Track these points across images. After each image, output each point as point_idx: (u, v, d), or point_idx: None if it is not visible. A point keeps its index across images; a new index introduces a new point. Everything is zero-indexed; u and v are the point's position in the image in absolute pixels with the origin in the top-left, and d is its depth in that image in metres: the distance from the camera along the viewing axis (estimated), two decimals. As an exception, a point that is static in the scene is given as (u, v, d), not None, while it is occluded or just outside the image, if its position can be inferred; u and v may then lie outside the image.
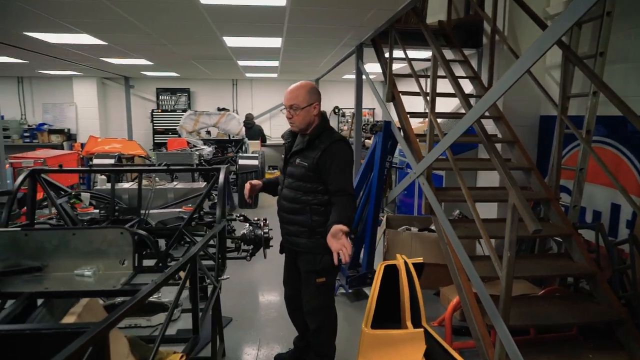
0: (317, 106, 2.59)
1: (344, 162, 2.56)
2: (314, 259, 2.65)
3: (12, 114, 10.77)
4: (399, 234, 4.68)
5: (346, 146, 2.61)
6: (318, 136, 2.59)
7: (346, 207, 2.51)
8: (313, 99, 2.57)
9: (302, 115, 2.57)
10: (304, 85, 2.59)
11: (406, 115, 4.44)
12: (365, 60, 7.12)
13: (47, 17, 4.33)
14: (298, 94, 2.55)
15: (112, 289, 1.58)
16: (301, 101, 2.54)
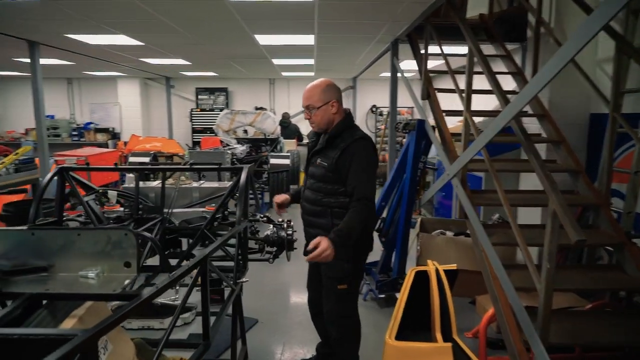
0: (334, 104, 2.46)
1: (365, 162, 2.38)
2: (335, 264, 2.47)
3: (62, 113, 11.30)
4: (433, 238, 4.46)
5: (368, 145, 2.44)
6: (339, 134, 2.46)
7: (359, 213, 2.32)
8: (329, 96, 2.44)
9: (320, 115, 2.45)
10: (318, 84, 2.47)
11: (441, 113, 4.22)
12: (402, 57, 6.91)
13: (83, 19, 4.44)
14: (313, 94, 2.44)
15: (112, 293, 1.51)
16: (316, 100, 2.43)
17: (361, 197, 2.33)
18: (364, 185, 2.35)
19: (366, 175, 2.36)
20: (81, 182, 3.18)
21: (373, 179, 2.42)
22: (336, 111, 2.47)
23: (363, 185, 2.34)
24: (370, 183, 2.39)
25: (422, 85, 4.57)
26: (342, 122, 2.49)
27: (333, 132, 2.46)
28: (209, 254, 1.93)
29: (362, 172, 2.35)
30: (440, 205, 7.46)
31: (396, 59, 5.53)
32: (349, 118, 2.54)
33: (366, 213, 2.34)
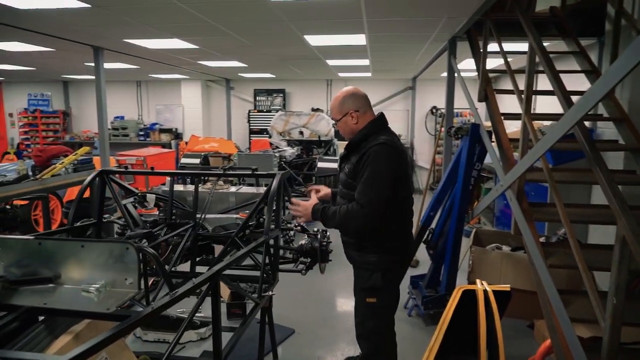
0: (353, 115, 2.40)
1: (375, 168, 2.21)
2: (362, 275, 2.42)
3: (131, 114, 11.96)
4: (487, 252, 4.09)
5: (384, 150, 2.23)
6: (364, 139, 2.35)
7: (348, 212, 2.25)
8: (346, 108, 2.41)
9: (342, 126, 2.47)
10: (337, 96, 2.47)
11: (500, 117, 3.86)
12: (462, 56, 6.49)
13: (139, 25, 4.57)
14: (333, 106, 2.48)
15: (105, 312, 1.43)
16: (336, 113, 2.46)
17: (359, 202, 2.23)
18: (367, 191, 2.22)
19: (372, 181, 2.22)
20: (121, 184, 3.23)
21: (381, 186, 2.22)
22: (356, 121, 2.41)
23: (366, 191, 2.22)
24: (376, 190, 2.22)
25: (479, 86, 4.21)
26: (366, 128, 2.39)
27: (355, 138, 2.41)
28: (220, 271, 1.82)
29: (368, 178, 2.22)
30: (502, 214, 6.93)
31: (453, 58, 5.17)
32: (375, 123, 2.42)
33: (355, 216, 2.23)
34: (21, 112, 12.11)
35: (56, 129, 12.05)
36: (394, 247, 2.38)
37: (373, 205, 2.20)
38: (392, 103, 11.08)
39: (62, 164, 4.79)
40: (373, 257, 2.35)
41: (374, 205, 2.20)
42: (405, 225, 2.47)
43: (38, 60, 7.41)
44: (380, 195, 2.21)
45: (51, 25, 4.67)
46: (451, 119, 5.33)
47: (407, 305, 4.30)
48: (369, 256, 2.36)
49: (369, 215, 2.21)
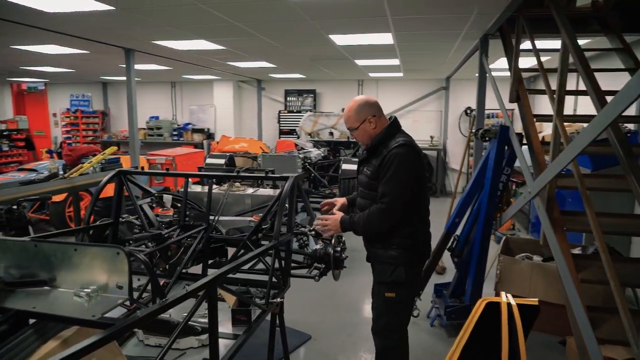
0: (372, 120, 2.49)
1: (396, 169, 2.33)
2: (385, 269, 2.48)
3: (165, 114, 12.24)
4: (516, 262, 3.86)
5: (408, 151, 2.36)
6: (382, 143, 2.45)
7: (372, 215, 2.39)
8: (363, 115, 2.49)
9: (361, 134, 2.53)
10: (351, 105, 2.52)
11: (532, 118, 3.63)
12: (496, 54, 6.23)
13: (163, 26, 4.62)
14: (348, 117, 2.53)
15: (90, 319, 1.39)
16: (353, 121, 2.51)
17: (382, 201, 2.35)
18: (388, 191, 2.34)
19: (394, 182, 2.33)
20: (139, 185, 3.24)
21: (402, 187, 2.35)
22: (375, 126, 2.50)
23: (387, 191, 2.34)
24: (398, 190, 2.34)
25: (511, 86, 3.98)
26: (383, 132, 2.48)
27: (374, 142, 2.49)
28: (217, 278, 1.76)
29: (390, 179, 2.34)
30: (538, 220, 6.57)
31: (485, 57, 4.94)
32: (391, 127, 2.52)
33: (380, 216, 2.37)
34: (64, 112, 12.64)
35: (95, 129, 12.50)
36: (416, 244, 2.47)
37: (394, 205, 2.33)
38: (425, 104, 10.81)
39: (90, 163, 4.91)
40: (397, 251, 2.43)
41: (395, 205, 2.33)
42: (424, 223, 2.55)
43: (76, 62, 7.68)
44: (401, 195, 2.33)
45: (83, 28, 4.81)
46: (482, 120, 5.10)
47: (429, 315, 4.13)
48: (393, 251, 2.43)
49: (390, 214, 2.35)
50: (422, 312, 4.09)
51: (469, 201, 3.90)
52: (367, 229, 2.45)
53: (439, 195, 10.24)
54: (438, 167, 10.48)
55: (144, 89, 12.29)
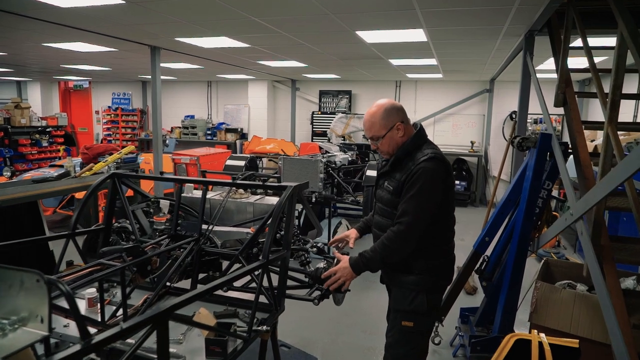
0: (400, 126, 2.19)
1: (421, 186, 2.06)
2: (405, 295, 2.21)
3: (201, 113, 12.28)
4: (556, 290, 3.34)
5: (438, 167, 2.10)
6: (408, 154, 2.19)
7: (389, 240, 2.09)
8: (391, 121, 2.19)
9: (387, 142, 2.22)
10: (376, 110, 2.20)
11: (580, 125, 3.14)
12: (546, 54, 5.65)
13: (184, 22, 4.45)
14: (373, 123, 2.21)
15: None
16: (378, 129, 2.20)
17: (398, 221, 2.09)
18: (411, 211, 2.07)
19: (417, 200, 2.07)
20: (135, 189, 3.04)
21: (426, 207, 2.08)
22: (403, 134, 2.22)
23: (408, 210, 2.07)
24: (421, 210, 2.07)
25: (557, 88, 3.49)
26: (410, 142, 2.20)
27: (400, 153, 2.20)
28: (166, 312, 1.47)
29: (413, 197, 2.07)
30: (587, 238, 5.94)
31: (530, 56, 4.42)
32: (418, 135, 2.23)
33: (398, 241, 2.09)
34: (105, 109, 12.97)
35: (134, 126, 12.73)
36: (441, 266, 2.23)
37: (415, 226, 2.07)
38: (466, 107, 10.19)
39: (105, 162, 4.82)
40: (419, 276, 2.18)
41: (415, 226, 2.07)
42: (450, 243, 2.30)
43: (109, 60, 7.74)
44: (424, 216, 2.08)
45: (103, 25, 4.72)
46: (524, 126, 4.58)
47: (452, 343, 3.70)
48: (414, 276, 2.18)
49: (410, 236, 2.09)
50: (444, 339, 3.66)
51: (502, 218, 3.44)
52: (386, 260, 2.14)
53: (478, 205, 9.61)
54: (478, 175, 9.85)
55: (180, 88, 12.40)
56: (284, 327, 3.92)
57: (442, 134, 10.40)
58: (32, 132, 9.33)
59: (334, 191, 5.59)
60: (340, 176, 5.59)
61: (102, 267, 2.16)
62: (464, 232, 7.38)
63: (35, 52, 6.90)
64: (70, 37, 5.45)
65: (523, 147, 3.21)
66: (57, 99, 13.73)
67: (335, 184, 5.53)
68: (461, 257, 5.73)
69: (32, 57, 7.61)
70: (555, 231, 2.88)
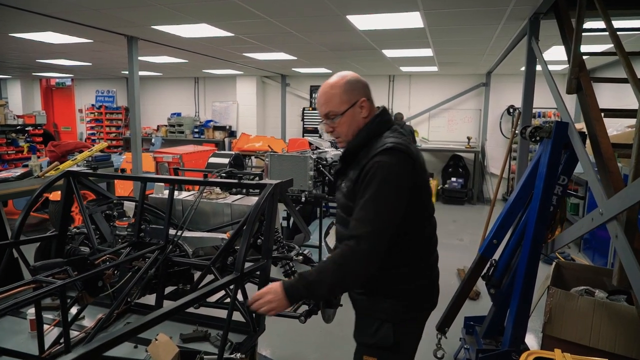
0: (365, 104, 1.71)
1: (385, 185, 1.55)
2: (368, 325, 1.75)
3: (188, 111, 11.86)
4: (572, 298, 3.00)
5: (395, 159, 1.57)
6: (364, 144, 1.68)
7: (340, 259, 1.56)
8: (355, 95, 1.71)
9: (346, 123, 1.71)
10: (337, 81, 1.72)
11: (598, 113, 2.80)
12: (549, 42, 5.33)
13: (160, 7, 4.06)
14: (332, 95, 1.71)
15: None
16: (337, 104, 1.70)
17: (353, 235, 1.55)
18: (365, 220, 1.54)
19: (375, 206, 1.54)
20: (94, 189, 2.65)
21: (386, 211, 1.55)
22: (367, 114, 1.72)
23: (364, 221, 1.54)
24: (379, 219, 1.54)
25: (570, 74, 3.14)
26: (366, 128, 1.71)
27: (353, 143, 1.72)
28: (91, 354, 1.09)
29: (370, 202, 1.55)
30: (593, 237, 5.61)
31: (535, 40, 4.08)
32: (378, 120, 1.73)
33: (354, 261, 1.55)
34: (89, 107, 12.50)
35: (119, 125, 12.28)
36: (416, 291, 1.73)
37: (375, 239, 1.54)
38: (462, 101, 9.87)
39: (74, 160, 4.41)
40: (385, 302, 1.70)
41: (376, 239, 1.54)
42: (428, 260, 1.78)
43: (87, 54, 7.32)
44: (383, 224, 1.55)
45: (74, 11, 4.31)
46: (529, 117, 4.24)
47: (457, 356, 3.35)
48: (378, 301, 1.71)
49: (371, 254, 1.54)
50: (448, 352, 3.32)
51: (512, 218, 3.08)
52: (338, 286, 1.62)
53: (475, 203, 9.29)
54: (475, 172, 9.52)
55: (166, 85, 11.97)
56: (269, 340, 3.55)
57: (438, 129, 10.08)
58: (8, 131, 8.86)
59: (325, 190, 5.22)
60: (331, 173, 5.23)
61: (38, 285, 1.78)
62: (462, 231, 7.05)
63: (7, 45, 6.46)
64: (38, 25, 5.03)
65: (536, 138, 2.85)
66: (39, 97, 13.23)
67: (326, 182, 5.16)
68: (460, 258, 5.44)
69: (5, 51, 7.17)
70: (578, 233, 2.53)
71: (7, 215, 4.55)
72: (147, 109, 12.19)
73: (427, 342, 3.37)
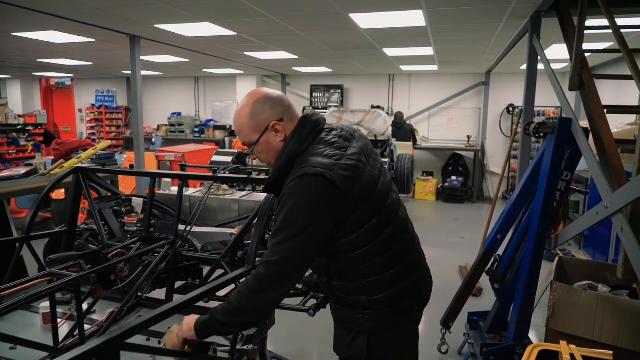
0: (278, 127, 1.50)
1: (290, 214, 1.39)
2: (343, 337, 1.66)
3: (188, 111, 11.86)
4: (575, 292, 3.03)
5: (306, 187, 1.38)
6: (288, 169, 1.47)
7: (247, 289, 1.42)
8: (264, 120, 1.50)
9: (264, 150, 1.54)
10: (242, 108, 1.52)
11: (601, 109, 2.83)
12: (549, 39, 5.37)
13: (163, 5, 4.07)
14: (240, 125, 1.53)
15: None
16: (248, 134, 1.52)
17: (268, 261, 1.41)
18: (279, 245, 1.39)
19: (284, 234, 1.38)
20: (104, 186, 2.67)
21: (298, 242, 1.38)
22: (283, 136, 1.52)
23: (277, 245, 1.39)
24: (288, 247, 1.38)
25: (572, 70, 3.17)
26: (284, 151, 1.49)
27: (273, 173, 1.52)
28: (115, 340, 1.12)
29: (280, 230, 1.40)
30: (593, 234, 5.65)
31: (536, 38, 4.11)
32: (296, 137, 1.50)
33: (253, 288, 1.41)
34: (89, 107, 12.49)
35: (119, 124, 12.28)
36: (387, 299, 1.56)
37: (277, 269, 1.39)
38: (462, 100, 9.91)
39: (78, 158, 4.43)
40: (358, 312, 1.58)
41: (278, 269, 1.39)
42: (397, 266, 1.58)
43: (89, 53, 7.32)
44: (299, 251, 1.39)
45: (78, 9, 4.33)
46: (531, 113, 4.27)
47: (461, 351, 3.38)
48: (353, 313, 1.59)
49: (271, 282, 1.40)
50: (452, 347, 3.35)
51: (515, 214, 3.12)
52: (237, 316, 1.44)
53: (475, 201, 9.32)
54: (475, 170, 9.56)
55: (166, 84, 11.98)
56: (274, 336, 3.57)
57: (438, 128, 10.12)
58: (9, 131, 8.86)
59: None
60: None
61: (52, 278, 1.80)
62: (463, 229, 7.08)
63: (7, 45, 6.46)
64: (41, 24, 5.04)
65: (539, 134, 2.89)
66: (39, 97, 13.22)
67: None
68: (461, 256, 5.47)
69: (5, 50, 7.16)
70: (582, 227, 2.56)
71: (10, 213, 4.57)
72: (147, 109, 12.15)
73: (431, 338, 3.42)
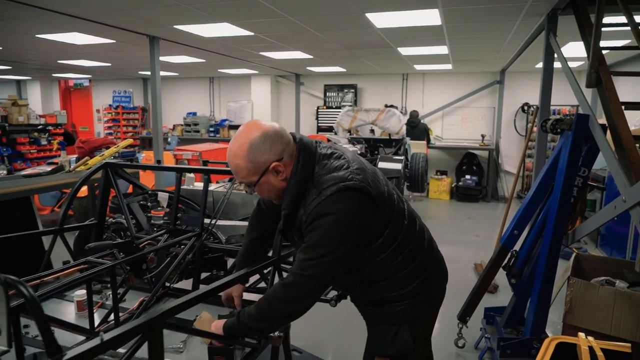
0: (279, 167, 1.48)
1: (333, 233, 1.40)
2: (383, 334, 1.66)
3: (203, 110, 12.02)
4: (593, 288, 3.05)
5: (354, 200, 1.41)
6: (299, 201, 1.50)
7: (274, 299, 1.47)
8: (262, 162, 1.46)
9: (265, 189, 1.53)
10: (238, 148, 1.47)
11: (619, 106, 2.85)
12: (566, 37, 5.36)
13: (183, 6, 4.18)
14: (236, 167, 1.48)
15: None
16: (246, 175, 1.49)
17: (292, 272, 1.46)
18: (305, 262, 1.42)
19: (317, 252, 1.40)
20: (130, 181, 2.77)
21: (330, 259, 1.41)
22: (284, 176, 1.50)
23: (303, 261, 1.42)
24: (319, 264, 1.41)
25: (589, 67, 3.19)
26: (291, 188, 1.49)
27: (285, 208, 1.52)
28: (159, 319, 1.19)
29: (313, 248, 1.41)
30: (610, 232, 5.62)
31: (553, 36, 4.12)
32: (299, 170, 1.49)
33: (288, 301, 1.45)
34: (106, 108, 12.73)
35: (135, 124, 12.48)
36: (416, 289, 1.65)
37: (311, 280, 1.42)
38: (476, 99, 9.89)
39: (102, 156, 4.56)
40: (395, 306, 1.64)
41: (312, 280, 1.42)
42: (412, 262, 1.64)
43: (108, 54, 7.49)
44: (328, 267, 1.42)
45: (98, 11, 4.46)
46: (547, 111, 4.28)
47: (477, 346, 3.41)
48: (390, 306, 1.64)
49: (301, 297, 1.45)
50: (469, 341, 3.38)
51: (532, 210, 3.15)
52: (261, 322, 1.49)
53: (490, 200, 9.30)
54: (489, 169, 9.53)
55: (182, 85, 12.15)
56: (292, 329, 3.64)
57: (452, 127, 10.11)
58: (31, 131, 9.09)
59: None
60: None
61: (89, 266, 1.90)
62: (478, 227, 7.08)
63: (31, 46, 6.65)
64: (64, 26, 5.19)
65: (557, 130, 2.92)
66: (58, 98, 13.51)
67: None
68: (476, 254, 5.49)
69: (28, 52, 7.37)
70: (600, 221, 2.59)
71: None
72: (163, 109, 12.18)
73: (448, 332, 3.46)
